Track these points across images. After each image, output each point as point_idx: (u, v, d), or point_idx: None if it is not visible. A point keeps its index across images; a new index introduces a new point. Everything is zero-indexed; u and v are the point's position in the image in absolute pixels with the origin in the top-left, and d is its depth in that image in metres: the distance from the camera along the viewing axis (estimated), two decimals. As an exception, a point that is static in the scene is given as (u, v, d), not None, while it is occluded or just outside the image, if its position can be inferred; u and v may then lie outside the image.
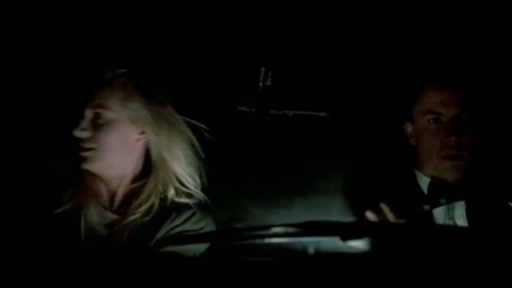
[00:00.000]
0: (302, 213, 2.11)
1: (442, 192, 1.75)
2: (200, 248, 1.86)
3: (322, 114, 2.28)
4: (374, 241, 1.33)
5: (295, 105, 2.28)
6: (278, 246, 1.32)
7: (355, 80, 2.33)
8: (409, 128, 2.06)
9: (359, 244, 1.28)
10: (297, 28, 2.35)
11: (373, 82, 2.29)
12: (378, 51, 2.31)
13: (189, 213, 1.90)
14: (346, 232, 1.24)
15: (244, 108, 2.25)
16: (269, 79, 2.22)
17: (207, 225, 1.91)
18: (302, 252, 1.24)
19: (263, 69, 2.22)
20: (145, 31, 2.29)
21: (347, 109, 2.33)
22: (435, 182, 1.97)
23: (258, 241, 1.30)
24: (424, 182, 2.00)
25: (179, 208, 1.90)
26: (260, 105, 2.24)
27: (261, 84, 2.22)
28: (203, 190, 1.97)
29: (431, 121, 1.97)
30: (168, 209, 1.89)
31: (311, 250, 1.23)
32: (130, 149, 1.92)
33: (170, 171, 1.91)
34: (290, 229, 1.25)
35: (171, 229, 1.87)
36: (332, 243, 1.24)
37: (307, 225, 1.26)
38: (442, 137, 1.95)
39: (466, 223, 1.90)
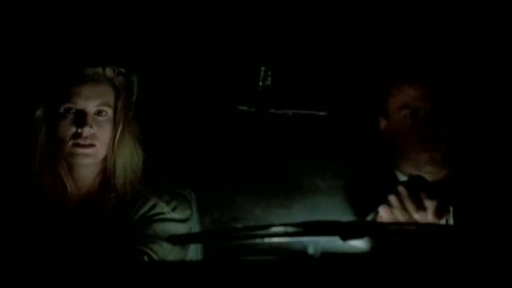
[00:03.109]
0: (302, 213, 2.11)
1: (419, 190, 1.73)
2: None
3: (322, 113, 2.28)
4: (373, 240, 1.33)
5: (295, 104, 2.28)
6: (278, 246, 1.32)
7: (354, 79, 2.33)
8: (383, 124, 2.03)
9: (358, 244, 1.28)
10: (297, 27, 2.35)
11: (372, 82, 2.28)
12: (376, 50, 2.31)
13: (155, 198, 1.89)
14: (346, 231, 1.24)
15: (244, 107, 2.25)
16: (269, 78, 2.22)
17: (179, 204, 1.91)
18: (301, 252, 1.24)
19: (263, 68, 2.22)
20: (145, 31, 2.29)
21: (347, 108, 2.32)
22: (412, 181, 1.95)
23: (258, 240, 1.30)
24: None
25: (144, 194, 1.89)
26: (260, 104, 2.24)
27: (261, 83, 2.22)
28: (201, 188, 1.98)
29: (408, 115, 1.94)
30: (134, 198, 1.89)
31: (310, 249, 1.23)
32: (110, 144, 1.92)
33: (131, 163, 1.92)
34: (290, 229, 1.25)
35: (142, 215, 1.86)
36: (331, 242, 1.24)
37: (306, 224, 1.26)
38: (420, 131, 1.92)
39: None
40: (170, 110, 2.32)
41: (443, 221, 1.63)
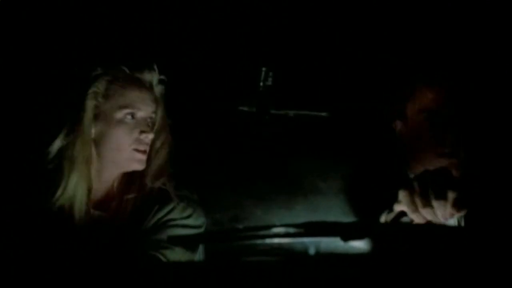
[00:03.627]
0: (304, 214, 2.11)
1: None
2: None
3: (323, 114, 2.28)
4: (374, 241, 1.34)
5: (296, 105, 2.28)
6: (279, 247, 1.32)
7: (355, 79, 2.33)
8: (399, 125, 2.02)
9: (359, 245, 1.28)
10: (298, 27, 2.35)
11: (373, 82, 2.28)
12: (377, 50, 2.31)
13: (172, 204, 1.90)
14: (347, 232, 1.24)
15: (245, 108, 2.25)
16: (270, 79, 2.22)
17: (194, 212, 1.91)
18: (303, 253, 1.24)
19: (264, 68, 2.22)
20: (145, 31, 2.29)
21: (348, 108, 2.32)
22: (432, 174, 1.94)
23: (259, 241, 1.31)
24: None
25: (161, 200, 1.90)
26: (261, 104, 2.24)
27: (262, 83, 2.22)
28: (203, 189, 1.98)
29: (427, 118, 1.93)
30: (150, 203, 1.89)
31: (312, 250, 1.24)
32: None
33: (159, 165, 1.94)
34: (291, 230, 1.26)
35: (157, 221, 1.87)
36: (333, 243, 1.24)
37: (308, 225, 1.26)
38: (438, 135, 1.91)
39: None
40: (171, 111, 2.33)
41: (461, 214, 1.60)
